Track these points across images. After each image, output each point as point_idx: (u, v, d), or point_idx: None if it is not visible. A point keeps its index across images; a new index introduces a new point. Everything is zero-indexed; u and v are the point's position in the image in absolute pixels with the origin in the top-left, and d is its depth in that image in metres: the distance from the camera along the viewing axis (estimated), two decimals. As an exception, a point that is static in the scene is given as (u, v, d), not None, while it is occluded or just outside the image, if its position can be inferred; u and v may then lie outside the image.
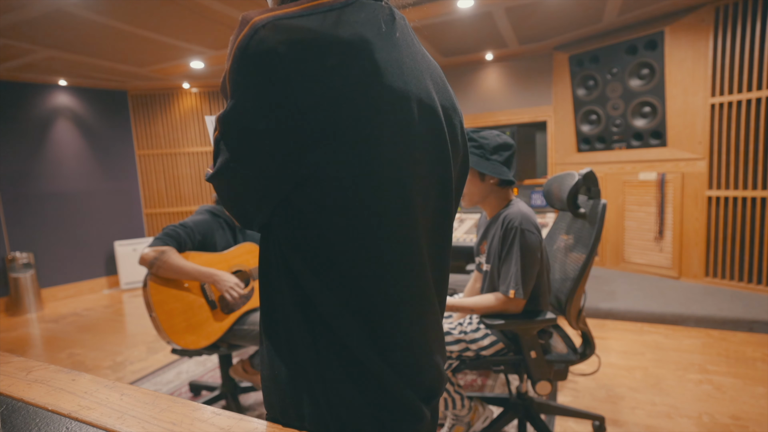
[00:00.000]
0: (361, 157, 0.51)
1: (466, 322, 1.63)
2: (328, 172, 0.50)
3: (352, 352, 0.55)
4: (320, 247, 0.54)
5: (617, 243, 4.16)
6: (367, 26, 0.53)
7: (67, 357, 3.05)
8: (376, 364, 0.56)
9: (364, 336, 0.55)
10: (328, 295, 0.54)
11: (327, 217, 0.52)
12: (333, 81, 0.49)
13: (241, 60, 0.48)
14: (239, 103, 0.49)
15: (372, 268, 0.55)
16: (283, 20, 0.48)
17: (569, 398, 2.15)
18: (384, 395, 0.57)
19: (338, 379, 0.55)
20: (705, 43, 3.38)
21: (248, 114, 0.49)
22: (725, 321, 2.90)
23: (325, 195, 0.51)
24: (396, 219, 0.56)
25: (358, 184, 0.52)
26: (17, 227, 4.39)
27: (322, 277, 0.54)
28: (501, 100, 4.74)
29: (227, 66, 0.50)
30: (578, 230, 1.69)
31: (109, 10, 2.84)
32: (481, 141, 1.52)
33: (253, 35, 0.47)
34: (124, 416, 0.56)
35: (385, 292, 0.56)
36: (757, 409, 1.98)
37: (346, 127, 0.50)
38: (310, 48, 0.48)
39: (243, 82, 0.48)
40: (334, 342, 0.55)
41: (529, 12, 3.35)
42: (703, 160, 3.50)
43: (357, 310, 0.55)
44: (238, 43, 0.48)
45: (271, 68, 0.47)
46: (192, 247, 1.84)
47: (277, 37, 0.47)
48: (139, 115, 5.29)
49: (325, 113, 0.49)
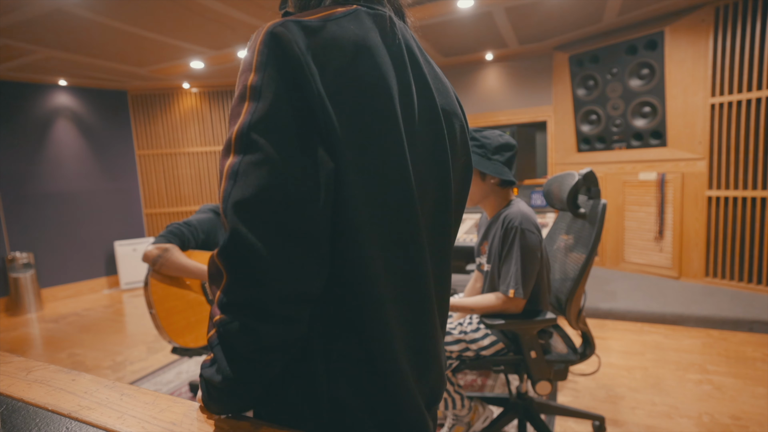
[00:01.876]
0: (365, 158, 0.52)
1: (466, 322, 1.63)
2: (338, 173, 0.51)
3: (357, 353, 0.55)
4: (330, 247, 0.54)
5: (617, 243, 4.16)
6: (372, 33, 0.55)
7: (67, 357, 3.05)
8: (382, 367, 0.56)
9: (369, 338, 0.55)
10: (333, 297, 0.54)
11: (334, 216, 0.52)
12: (341, 81, 0.51)
13: (267, 56, 0.49)
14: (273, 95, 0.48)
15: (376, 271, 0.55)
16: (297, 22, 0.50)
17: (569, 398, 2.15)
18: (388, 401, 0.57)
19: (342, 382, 0.55)
20: (705, 43, 3.38)
21: (283, 102, 0.48)
22: (725, 321, 2.90)
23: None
24: (400, 221, 0.56)
25: (362, 185, 0.52)
26: (17, 227, 4.39)
27: (332, 278, 0.54)
28: (501, 100, 4.74)
29: (248, 75, 0.49)
30: (578, 230, 1.69)
31: (109, 10, 2.84)
32: (483, 141, 1.52)
33: (272, 31, 0.49)
34: (124, 416, 0.56)
35: (389, 294, 0.56)
36: (757, 409, 1.98)
37: (348, 129, 0.51)
38: (322, 47, 0.50)
39: (271, 75, 0.48)
40: (339, 343, 0.55)
41: (529, 12, 3.35)
42: (703, 160, 3.50)
43: (361, 312, 0.55)
44: (260, 40, 0.49)
45: (294, 58, 0.48)
46: (195, 245, 1.85)
47: (294, 33, 0.49)
48: (139, 115, 5.30)
49: (330, 113, 0.50)
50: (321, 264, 0.50)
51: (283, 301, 0.47)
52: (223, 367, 0.49)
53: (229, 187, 0.46)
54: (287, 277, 0.47)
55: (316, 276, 0.49)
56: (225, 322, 0.48)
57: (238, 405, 0.55)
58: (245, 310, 0.47)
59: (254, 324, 0.47)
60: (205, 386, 0.54)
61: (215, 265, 0.48)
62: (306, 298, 0.49)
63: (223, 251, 0.47)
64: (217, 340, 0.50)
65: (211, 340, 0.51)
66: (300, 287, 0.48)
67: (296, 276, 0.47)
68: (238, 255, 0.46)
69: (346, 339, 0.55)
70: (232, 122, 0.49)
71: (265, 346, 0.49)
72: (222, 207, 0.47)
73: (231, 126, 0.49)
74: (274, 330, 0.48)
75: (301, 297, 0.49)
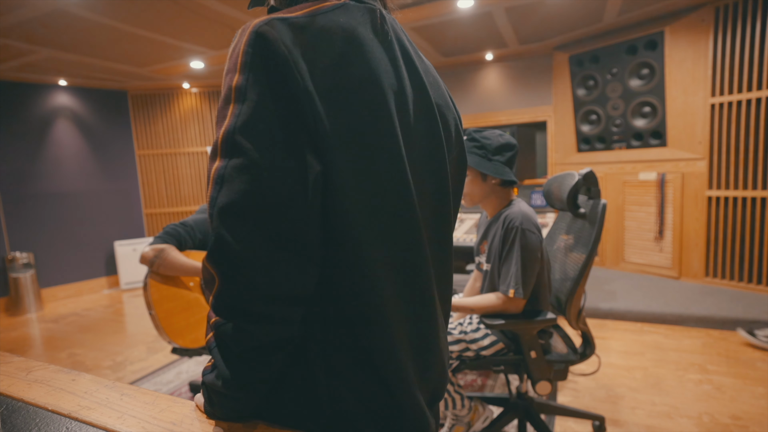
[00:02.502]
0: (360, 156, 0.52)
1: (466, 322, 1.63)
2: (330, 173, 0.50)
3: (358, 353, 0.55)
4: (325, 247, 0.54)
5: (617, 243, 4.16)
6: (363, 27, 0.54)
7: (67, 357, 3.05)
8: (383, 366, 0.55)
9: (370, 338, 0.55)
10: (333, 297, 0.54)
11: (329, 217, 0.52)
12: (332, 78, 0.50)
13: (251, 57, 0.47)
14: (258, 98, 0.47)
15: (376, 270, 0.54)
16: (283, 20, 0.49)
17: (569, 398, 2.15)
18: (389, 400, 0.56)
19: (342, 382, 0.55)
20: (705, 43, 3.38)
21: (268, 104, 0.47)
22: (725, 321, 2.90)
23: (326, 195, 0.51)
24: (398, 219, 0.56)
25: (357, 183, 0.52)
26: (17, 227, 4.39)
27: (329, 278, 0.54)
28: (501, 100, 4.74)
29: (233, 76, 0.48)
30: (578, 230, 1.69)
31: (109, 10, 2.84)
32: (484, 141, 1.52)
33: (257, 31, 0.48)
34: (124, 416, 0.56)
35: (389, 293, 0.56)
36: (757, 409, 1.98)
37: (340, 127, 0.50)
38: (311, 44, 0.49)
39: (256, 77, 0.47)
40: (339, 343, 0.55)
41: (529, 12, 3.34)
42: (703, 160, 3.50)
43: (361, 312, 0.54)
44: (245, 40, 0.48)
45: (281, 57, 0.47)
46: (192, 245, 1.85)
47: (280, 31, 0.48)
48: (139, 115, 5.29)
49: (320, 111, 0.49)
50: (309, 265, 0.50)
51: (272, 303, 0.48)
52: (222, 370, 0.50)
53: (215, 193, 0.47)
54: (274, 279, 0.47)
55: (304, 277, 0.50)
56: (219, 324, 0.49)
57: (239, 411, 0.55)
58: (236, 312, 0.48)
59: (245, 325, 0.48)
60: (207, 393, 0.54)
61: (207, 269, 0.49)
62: (295, 299, 0.50)
63: (210, 256, 0.47)
64: (214, 343, 0.51)
65: (209, 343, 0.52)
66: (288, 289, 0.48)
67: (283, 278, 0.48)
68: (224, 259, 0.46)
69: (346, 339, 0.55)
70: (218, 125, 0.49)
71: (259, 345, 0.49)
72: (209, 212, 0.47)
73: (218, 129, 0.49)
74: (265, 330, 0.49)
75: (290, 298, 0.49)
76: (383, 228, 0.55)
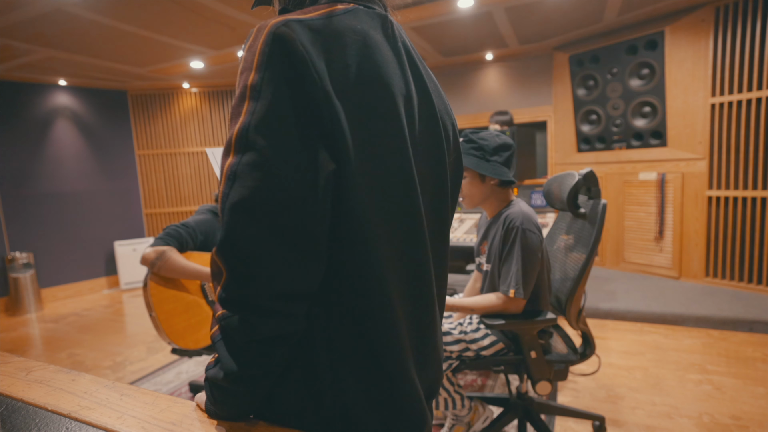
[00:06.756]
0: (372, 157, 0.53)
1: (466, 322, 1.63)
2: (343, 172, 0.51)
3: (363, 350, 0.56)
4: (335, 245, 0.54)
5: (617, 243, 4.16)
6: (374, 32, 0.56)
7: (67, 357, 3.05)
8: (388, 364, 0.56)
9: (376, 336, 0.55)
10: (339, 295, 0.54)
11: (339, 216, 0.52)
12: (347, 80, 0.51)
13: (269, 56, 0.48)
14: (273, 96, 0.48)
15: (384, 270, 0.55)
16: (300, 21, 0.50)
17: (569, 398, 2.15)
18: (393, 397, 0.57)
19: (347, 378, 0.55)
20: (705, 43, 3.38)
21: (284, 102, 0.48)
22: (725, 321, 2.90)
23: (337, 194, 0.51)
24: (405, 219, 0.57)
25: (369, 183, 0.53)
26: (17, 227, 4.39)
27: (337, 274, 0.54)
28: (501, 100, 4.74)
29: (249, 75, 0.49)
30: (578, 230, 1.69)
31: (109, 10, 2.84)
32: (481, 142, 1.52)
33: (275, 31, 0.48)
34: (124, 416, 0.56)
35: (395, 292, 0.57)
36: (757, 409, 1.98)
37: (354, 127, 0.51)
38: (328, 46, 0.50)
39: (272, 75, 0.48)
40: (344, 340, 0.55)
41: (529, 12, 3.35)
42: (703, 160, 3.50)
43: (368, 311, 0.55)
44: (263, 40, 0.49)
45: (299, 57, 0.48)
46: (193, 246, 1.84)
47: (298, 32, 0.49)
48: (139, 115, 5.30)
49: (338, 110, 0.50)
50: (316, 263, 0.50)
51: (277, 298, 0.49)
52: (226, 362, 0.50)
53: (227, 189, 0.47)
54: (280, 275, 0.48)
55: (310, 274, 0.50)
56: (225, 316, 0.50)
57: (240, 408, 0.55)
58: (242, 306, 0.49)
59: (251, 318, 0.49)
60: (209, 389, 0.54)
61: (215, 262, 0.50)
62: (301, 295, 0.50)
63: (219, 250, 0.48)
64: (219, 335, 0.51)
65: (213, 335, 0.52)
66: (294, 285, 0.49)
67: (290, 274, 0.48)
68: (232, 254, 0.47)
69: (351, 336, 0.55)
70: (233, 122, 0.49)
71: (263, 338, 0.50)
72: (220, 207, 0.48)
73: (232, 126, 0.49)
74: (270, 323, 0.49)
75: (296, 294, 0.50)
76: (391, 228, 0.56)
